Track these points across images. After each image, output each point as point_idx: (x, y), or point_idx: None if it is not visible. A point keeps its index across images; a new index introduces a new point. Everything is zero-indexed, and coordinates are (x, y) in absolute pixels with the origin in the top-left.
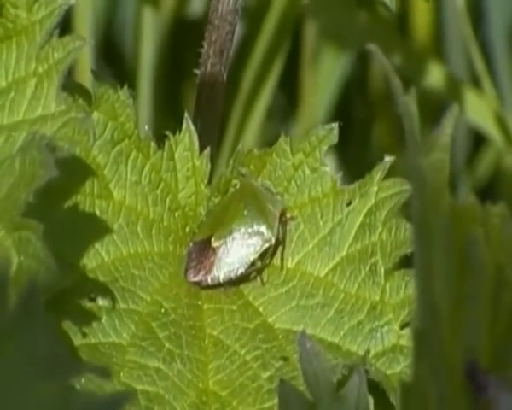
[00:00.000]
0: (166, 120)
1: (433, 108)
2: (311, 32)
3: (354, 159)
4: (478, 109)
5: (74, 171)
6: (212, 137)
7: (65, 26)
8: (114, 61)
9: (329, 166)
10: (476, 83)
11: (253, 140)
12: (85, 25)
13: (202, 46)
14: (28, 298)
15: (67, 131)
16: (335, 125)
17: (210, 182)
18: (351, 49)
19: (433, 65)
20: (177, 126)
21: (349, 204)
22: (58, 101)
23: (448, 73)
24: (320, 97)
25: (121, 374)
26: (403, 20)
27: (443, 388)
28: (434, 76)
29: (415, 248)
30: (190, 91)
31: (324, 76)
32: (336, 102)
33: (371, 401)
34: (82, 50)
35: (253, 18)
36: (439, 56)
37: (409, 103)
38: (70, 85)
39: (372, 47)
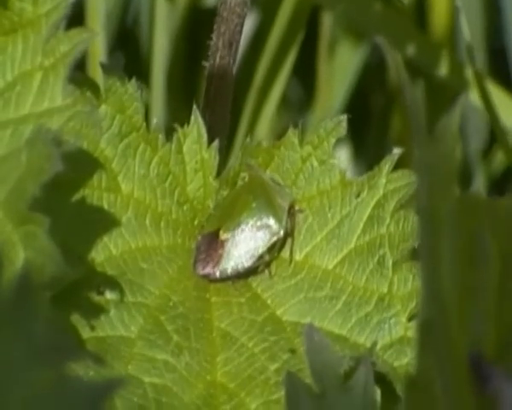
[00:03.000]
0: (181, 110)
1: (449, 99)
2: (327, 21)
3: (371, 149)
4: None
5: (82, 164)
6: (221, 129)
7: (77, 17)
8: (129, 51)
9: (344, 157)
10: (493, 74)
11: (267, 131)
12: (98, 16)
13: (211, 38)
14: (23, 285)
15: (74, 124)
16: (344, 118)
17: (219, 175)
18: (367, 39)
19: (448, 56)
20: (190, 117)
21: (357, 196)
22: (64, 94)
23: (463, 64)
24: (336, 87)
25: (129, 367)
26: (419, 9)
27: (448, 379)
28: (450, 67)
29: (420, 238)
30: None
31: (341, 66)
32: (353, 92)
33: (378, 392)
34: (94, 41)
35: (268, 7)
36: (456, 47)
37: (416, 95)
38: (78, 78)
39: (380, 40)
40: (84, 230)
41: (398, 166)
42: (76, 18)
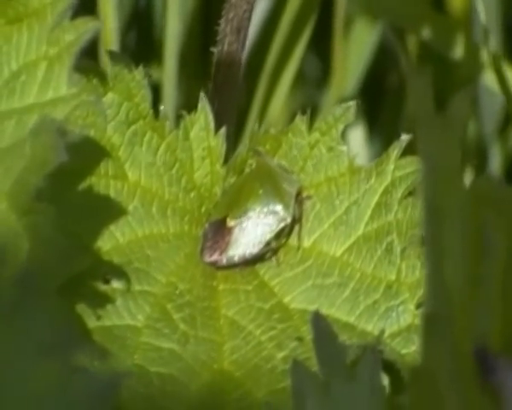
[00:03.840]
0: (194, 91)
1: (464, 81)
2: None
3: (386, 127)
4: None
5: (88, 152)
6: (229, 116)
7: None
8: (141, 32)
9: (359, 135)
10: (509, 56)
11: (280, 112)
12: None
13: (219, 24)
14: (27, 278)
15: (79, 114)
16: (352, 104)
17: (226, 162)
18: (383, 20)
19: (464, 37)
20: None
21: (365, 183)
22: (69, 84)
23: (479, 46)
24: (352, 66)
25: (135, 356)
26: None
27: (453, 371)
28: (466, 48)
29: (425, 230)
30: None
31: (356, 44)
32: (369, 70)
33: (387, 380)
34: (107, 23)
35: None
36: (472, 29)
37: (422, 83)
38: (85, 66)
39: (387, 28)
40: (91, 218)
41: (408, 152)
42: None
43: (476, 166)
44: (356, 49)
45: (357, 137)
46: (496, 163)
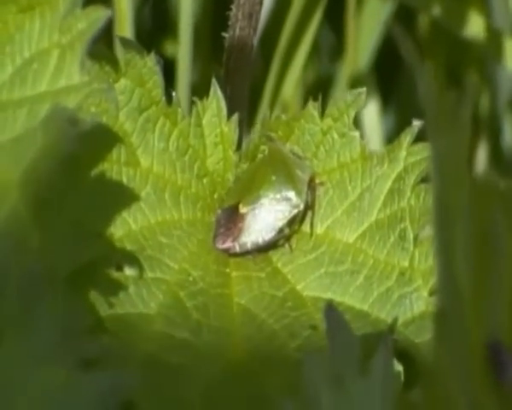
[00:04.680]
0: (208, 66)
1: (476, 60)
2: None
3: (400, 101)
4: None
5: (101, 139)
6: (241, 101)
7: None
8: (156, 6)
9: (373, 108)
10: None
11: (294, 88)
12: None
13: (231, 9)
14: (32, 281)
15: (91, 101)
16: (363, 90)
17: (239, 148)
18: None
19: (475, 16)
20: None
21: (378, 169)
22: (81, 72)
23: (491, 25)
24: (364, 40)
25: (148, 345)
26: None
27: (465, 368)
28: (476, 27)
29: (435, 227)
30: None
31: (369, 20)
32: (383, 42)
33: (401, 369)
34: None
35: None
36: (483, 7)
37: (429, 80)
38: (97, 52)
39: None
40: (103, 205)
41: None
42: None
43: (489, 138)
44: (369, 24)
45: (372, 111)
46: (508, 136)
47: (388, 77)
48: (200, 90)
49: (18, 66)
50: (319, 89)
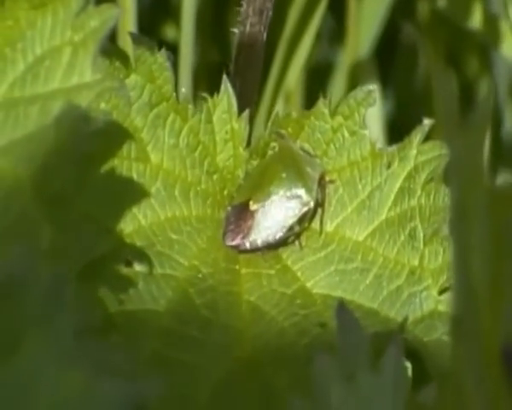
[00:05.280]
0: (210, 51)
1: (483, 57)
2: None
3: (401, 83)
4: None
5: (111, 134)
6: (250, 97)
7: None
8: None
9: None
10: None
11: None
12: None
13: (241, 5)
14: (54, 285)
15: (103, 100)
16: (374, 88)
17: (248, 144)
18: None
19: (475, 3)
20: (220, 65)
21: (388, 167)
22: (94, 70)
23: (491, 15)
24: (366, 25)
25: (157, 342)
26: None
27: (481, 373)
28: (476, 15)
29: (451, 230)
30: (234, 21)
31: (370, 4)
32: (383, 26)
33: (409, 368)
34: None
35: None
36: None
37: (448, 87)
38: (108, 49)
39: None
40: (113, 200)
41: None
42: None
43: (491, 128)
44: (370, 11)
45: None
46: (508, 124)
47: (386, 62)
48: (201, 75)
49: (30, 63)
50: (320, 75)
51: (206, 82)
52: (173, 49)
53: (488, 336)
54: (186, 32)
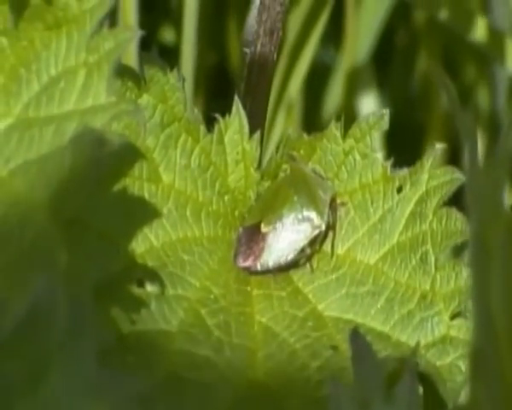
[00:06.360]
0: (210, 55)
1: (480, 62)
2: None
3: (398, 88)
4: None
5: (124, 155)
6: (261, 117)
7: None
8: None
9: (371, 96)
10: None
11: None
12: None
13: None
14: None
15: (118, 124)
16: (386, 112)
17: (260, 165)
18: None
19: (479, 18)
20: (220, 63)
21: (399, 191)
22: (108, 92)
23: (494, 28)
24: (364, 31)
25: (169, 362)
26: None
27: (500, 408)
28: (480, 29)
29: (471, 264)
30: (234, 28)
31: (368, 9)
32: (381, 31)
33: (421, 392)
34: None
35: None
36: (485, 10)
37: (467, 119)
38: (119, 68)
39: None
40: (125, 220)
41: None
42: None
43: (489, 137)
44: (368, 16)
45: (369, 102)
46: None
47: (384, 67)
48: (201, 79)
49: (44, 83)
50: (317, 79)
51: (206, 86)
52: (173, 53)
53: (508, 373)
54: (187, 36)
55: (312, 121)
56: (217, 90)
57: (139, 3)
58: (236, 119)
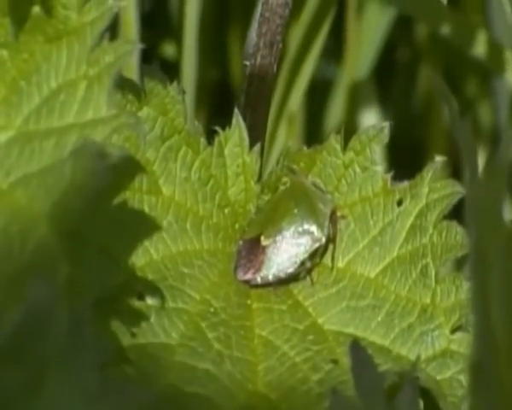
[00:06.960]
0: (211, 68)
1: (481, 77)
2: None
3: (399, 102)
4: None
5: (124, 168)
6: (261, 130)
7: None
8: (160, 9)
9: (372, 111)
10: None
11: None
12: None
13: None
14: (74, 321)
15: (118, 136)
16: (386, 125)
17: (260, 178)
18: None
19: (480, 33)
20: (222, 79)
21: (399, 204)
22: (109, 105)
23: (495, 42)
24: (365, 45)
25: (170, 376)
26: None
27: None
28: (482, 44)
29: (471, 276)
30: (235, 41)
31: (369, 23)
32: (381, 45)
33: (421, 406)
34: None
35: None
36: (486, 25)
37: (466, 131)
38: (119, 81)
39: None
40: (125, 233)
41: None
42: None
43: (490, 151)
44: (369, 31)
45: (371, 117)
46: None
47: (385, 82)
48: (202, 95)
49: (45, 96)
50: (319, 93)
51: (208, 101)
52: (174, 68)
53: (508, 385)
54: (188, 51)
55: (314, 135)
56: (218, 106)
57: (140, 18)
58: (236, 131)
